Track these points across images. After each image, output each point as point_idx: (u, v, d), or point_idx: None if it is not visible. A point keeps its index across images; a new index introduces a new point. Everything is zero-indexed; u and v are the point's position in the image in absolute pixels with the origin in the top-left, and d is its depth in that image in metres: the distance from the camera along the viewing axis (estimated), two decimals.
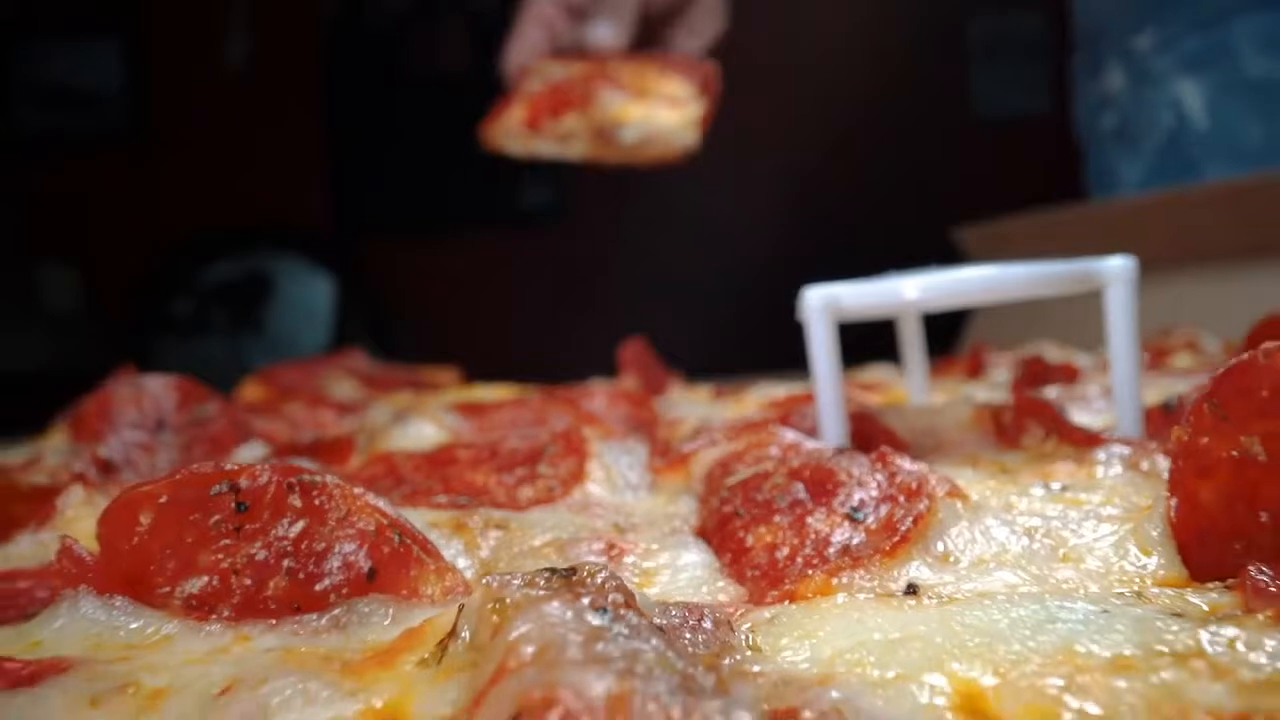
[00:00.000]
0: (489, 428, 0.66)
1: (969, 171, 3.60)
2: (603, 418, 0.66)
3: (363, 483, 0.36)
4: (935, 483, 0.36)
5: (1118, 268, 0.53)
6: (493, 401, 0.81)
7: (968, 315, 1.83)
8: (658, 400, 0.85)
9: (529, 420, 0.68)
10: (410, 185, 3.66)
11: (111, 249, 3.47)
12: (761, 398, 0.85)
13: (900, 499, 0.35)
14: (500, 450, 0.51)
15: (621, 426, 0.65)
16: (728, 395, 0.90)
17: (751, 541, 0.36)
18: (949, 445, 0.54)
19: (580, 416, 0.62)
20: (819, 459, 0.40)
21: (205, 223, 3.54)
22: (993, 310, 1.59)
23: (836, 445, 0.46)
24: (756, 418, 0.66)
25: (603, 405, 0.74)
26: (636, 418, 0.73)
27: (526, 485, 0.46)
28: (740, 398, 0.88)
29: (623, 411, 0.74)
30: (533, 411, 0.70)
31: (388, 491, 0.46)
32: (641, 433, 0.62)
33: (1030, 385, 0.76)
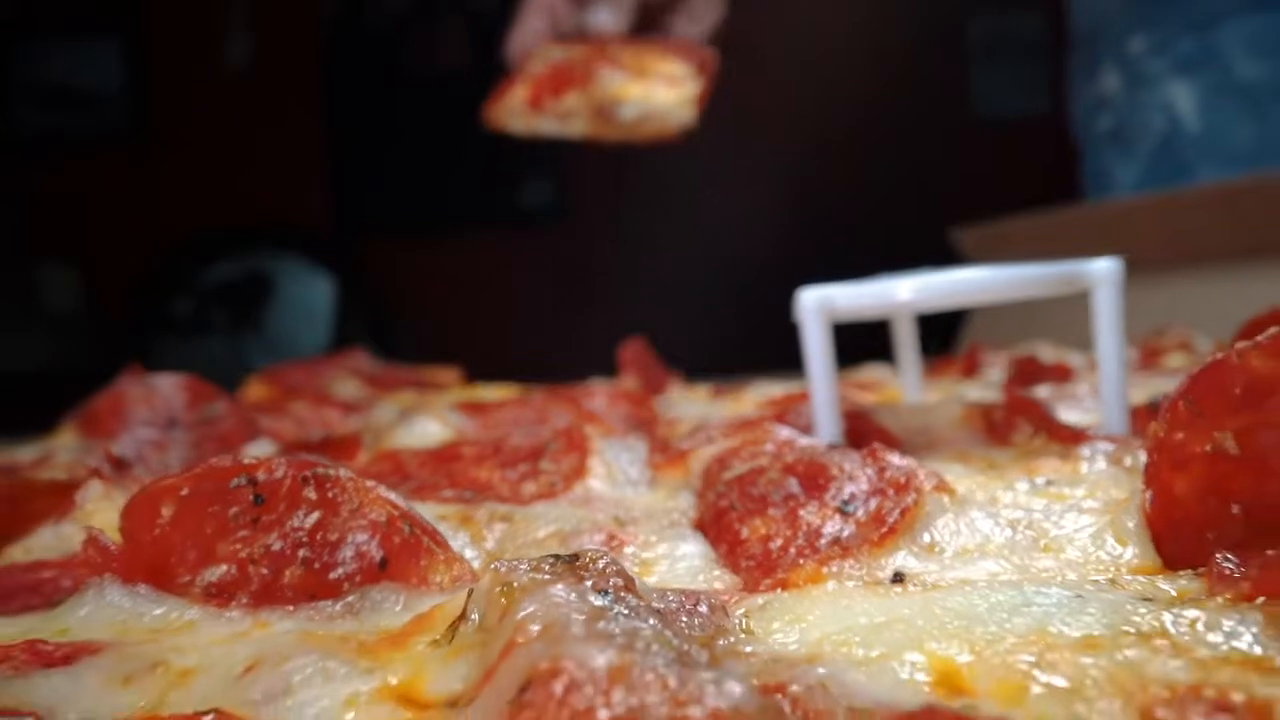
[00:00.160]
0: (492, 426, 0.67)
1: (968, 172, 3.61)
2: (603, 416, 0.68)
3: (371, 478, 0.38)
4: (923, 477, 0.38)
5: (1104, 270, 0.55)
6: (495, 401, 0.83)
7: (966, 315, 1.85)
8: (657, 400, 0.86)
9: (531, 419, 0.69)
10: (410, 185, 3.66)
11: (111, 249, 3.47)
12: (759, 397, 0.87)
13: (889, 492, 0.37)
14: (504, 447, 0.52)
15: (622, 425, 0.67)
16: (726, 394, 0.91)
17: (746, 533, 0.37)
18: (941, 442, 0.56)
19: (581, 414, 0.63)
20: (812, 454, 0.41)
21: (205, 223, 3.54)
22: (990, 310, 1.60)
23: (830, 442, 0.48)
24: (753, 416, 0.67)
25: (603, 404, 0.75)
26: (636, 417, 0.74)
27: (529, 480, 0.48)
28: (738, 397, 0.89)
29: (623, 410, 0.76)
30: (535, 410, 0.72)
31: (395, 487, 0.47)
32: (641, 431, 0.63)
33: (1022, 384, 0.78)
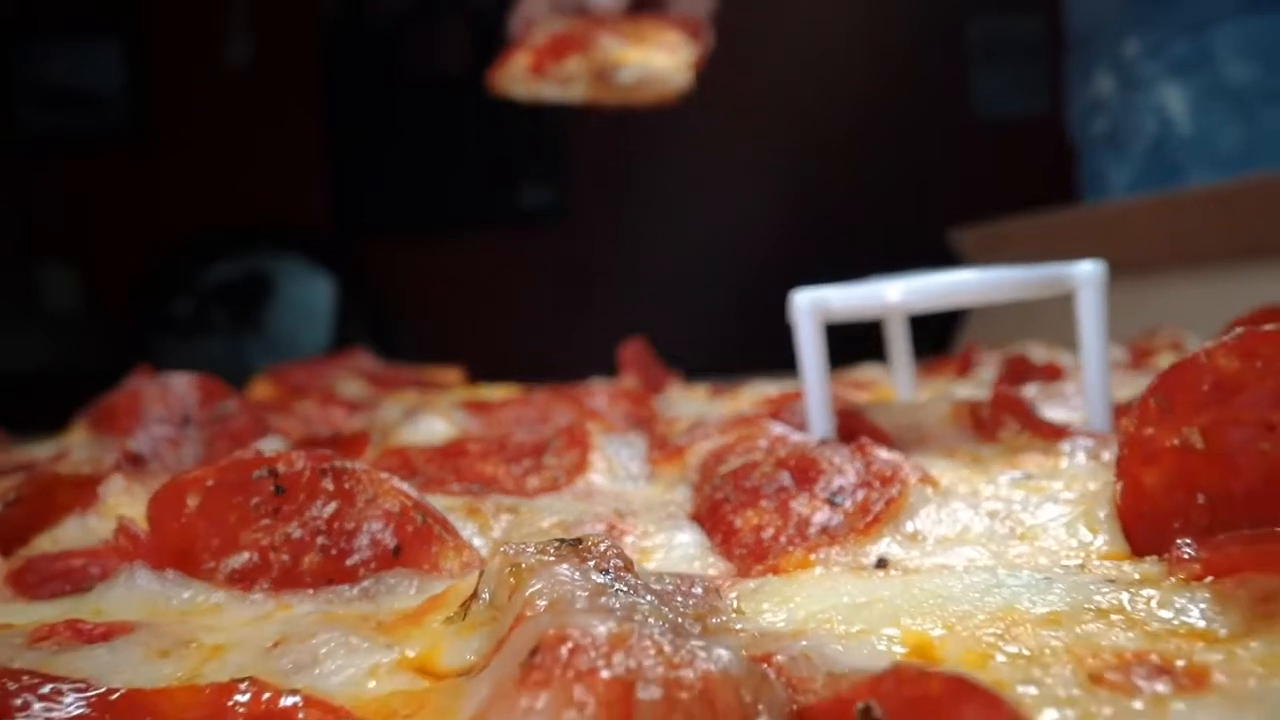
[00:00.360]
0: (496, 424, 0.69)
1: (967, 173, 3.62)
2: (604, 414, 0.70)
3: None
4: (908, 470, 0.40)
5: (1088, 272, 0.56)
6: (498, 400, 0.85)
7: (963, 315, 1.87)
8: (657, 399, 0.88)
9: (534, 417, 0.71)
10: (410, 185, 3.67)
11: (112, 249, 3.48)
12: (756, 395, 0.88)
13: (876, 484, 0.39)
14: (508, 443, 0.54)
15: (622, 422, 0.68)
16: (724, 393, 0.93)
17: (740, 524, 0.39)
18: (930, 439, 0.58)
19: (583, 412, 0.65)
20: (803, 449, 0.43)
21: (205, 223, 3.55)
22: (986, 311, 1.62)
23: (821, 438, 0.50)
24: (750, 414, 0.69)
25: (604, 403, 0.77)
26: (636, 415, 0.76)
27: (533, 475, 0.50)
28: (736, 396, 0.91)
29: (623, 409, 0.77)
30: (537, 408, 0.74)
31: (404, 481, 0.49)
32: (641, 428, 0.65)
33: (1012, 383, 0.80)
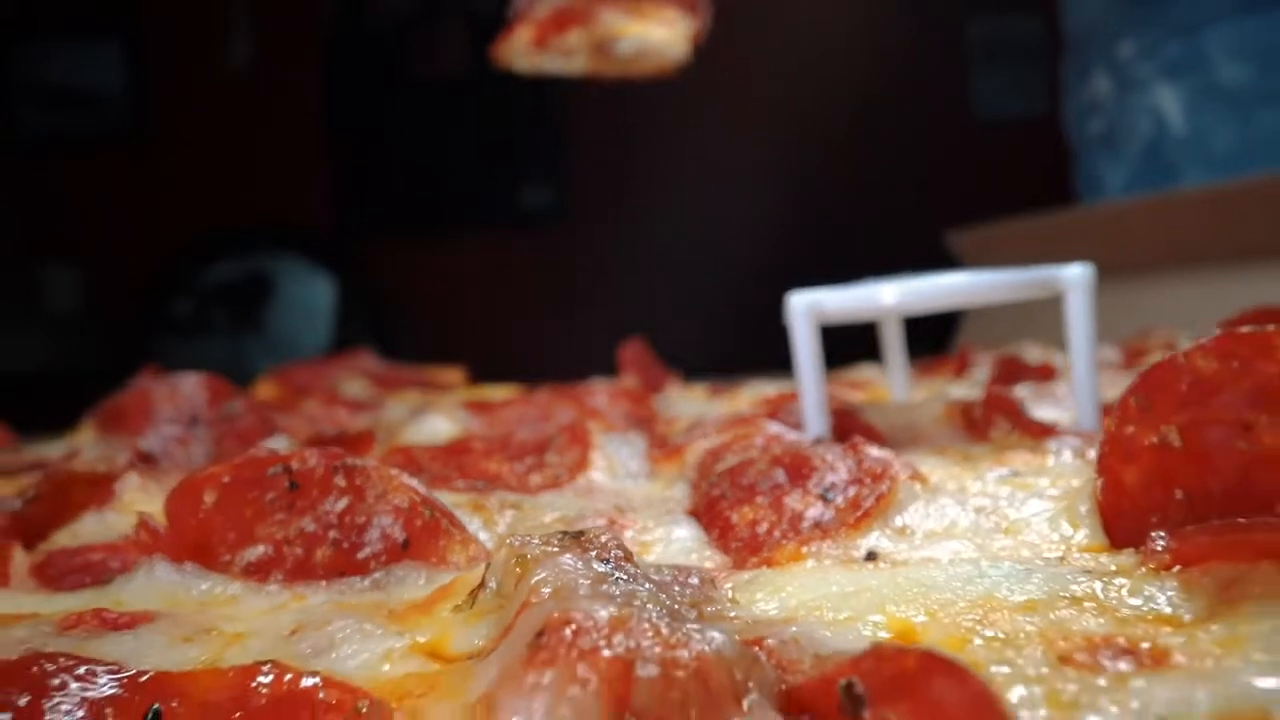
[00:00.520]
0: (499, 423, 0.71)
1: (968, 174, 3.63)
2: (604, 413, 0.71)
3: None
4: (899, 467, 0.41)
5: (1076, 275, 0.58)
6: (501, 399, 0.86)
7: (961, 316, 1.88)
8: (656, 398, 0.89)
9: (535, 416, 0.73)
10: (410, 185, 3.68)
11: (112, 249, 3.49)
12: (754, 395, 0.90)
13: (867, 481, 0.40)
14: (511, 442, 0.56)
15: (622, 422, 0.70)
16: (723, 393, 0.94)
17: (736, 519, 0.41)
18: (923, 438, 0.59)
19: (584, 411, 0.67)
20: (797, 448, 0.44)
21: (206, 223, 3.56)
22: (984, 312, 1.64)
23: (816, 436, 0.51)
24: (747, 413, 0.70)
25: (604, 402, 0.78)
26: (636, 414, 0.78)
27: (536, 472, 0.51)
28: (734, 396, 0.93)
29: (623, 408, 0.79)
30: (538, 408, 0.75)
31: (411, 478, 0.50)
32: (641, 427, 0.66)
33: (1005, 383, 0.81)
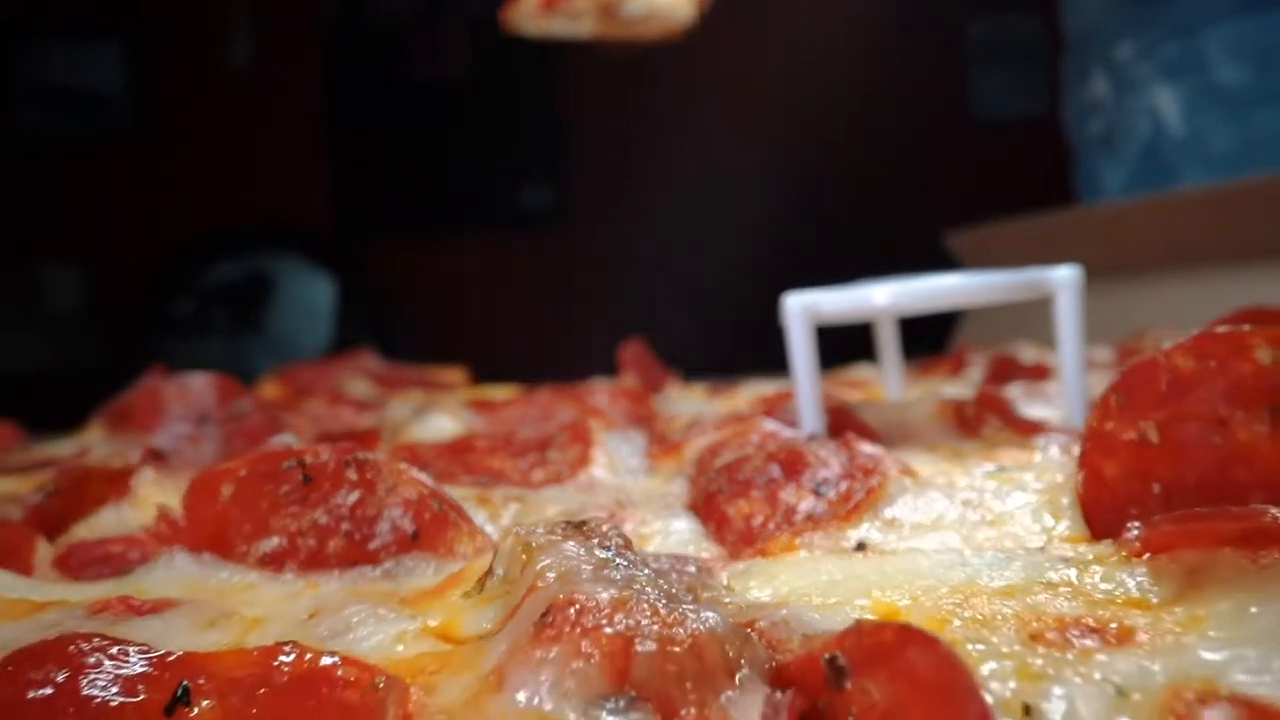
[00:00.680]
0: (501, 421, 0.72)
1: (967, 174, 3.65)
2: (605, 412, 0.72)
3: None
4: (889, 463, 0.43)
5: (1065, 277, 0.59)
6: (503, 399, 0.88)
7: (959, 316, 1.89)
8: (656, 398, 0.91)
9: (537, 415, 0.74)
10: (410, 185, 3.70)
11: (113, 250, 3.50)
12: (752, 395, 0.91)
13: (858, 476, 0.42)
14: (514, 439, 0.57)
15: (622, 420, 0.71)
16: (721, 393, 0.96)
17: (732, 512, 0.42)
18: (916, 435, 0.60)
19: (585, 409, 0.68)
20: (792, 444, 0.46)
21: (206, 223, 3.57)
22: (982, 312, 1.65)
23: (810, 433, 0.53)
24: (745, 412, 0.72)
25: (605, 401, 0.80)
26: (636, 413, 0.79)
27: (538, 469, 0.53)
28: (733, 395, 0.94)
29: (623, 407, 0.80)
30: (540, 407, 0.77)
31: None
32: (641, 426, 0.68)
33: (998, 382, 0.82)
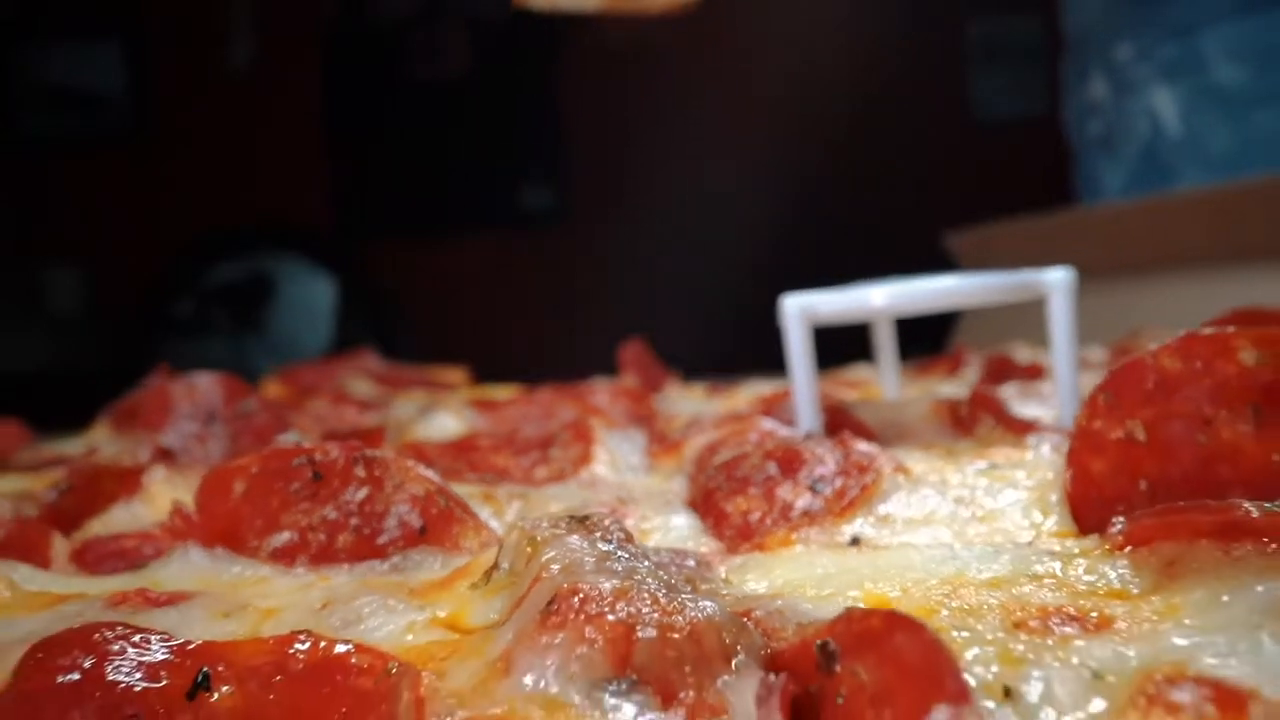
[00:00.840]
0: (504, 420, 0.73)
1: (967, 175, 3.65)
2: (606, 411, 0.73)
3: None
4: (884, 460, 0.44)
5: (1058, 279, 0.60)
6: (505, 399, 0.89)
7: (958, 317, 1.90)
8: (656, 397, 0.91)
9: (539, 414, 0.75)
10: (411, 186, 3.70)
11: (113, 250, 3.50)
12: (750, 394, 0.92)
13: (853, 473, 0.43)
14: (517, 438, 0.58)
15: (623, 419, 0.72)
16: (721, 392, 0.97)
17: (730, 509, 0.43)
18: (911, 434, 0.61)
19: (586, 409, 0.69)
20: (789, 442, 0.47)
21: (207, 223, 3.57)
22: (980, 312, 1.66)
23: (807, 431, 0.54)
24: (744, 411, 0.73)
25: (605, 401, 0.81)
26: (636, 412, 0.80)
27: (541, 466, 0.54)
28: (732, 394, 0.95)
29: (624, 407, 0.81)
30: (542, 406, 0.78)
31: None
32: (641, 425, 0.69)
33: (993, 382, 0.83)
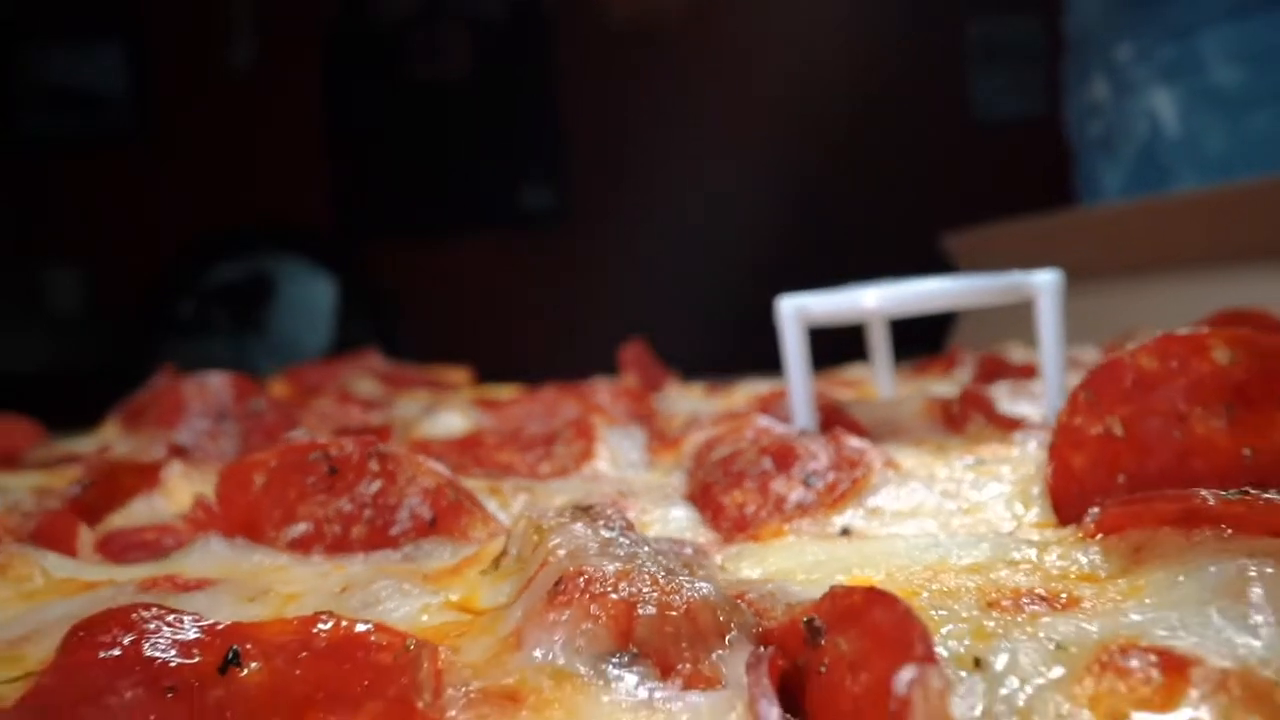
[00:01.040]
0: (508, 419, 0.75)
1: (967, 175, 3.67)
2: (607, 409, 0.75)
3: None
4: (874, 456, 0.46)
5: (1045, 281, 0.62)
6: (508, 397, 0.90)
7: (954, 318, 1.92)
8: (656, 396, 0.93)
9: (542, 412, 0.77)
10: (411, 186, 3.72)
11: (114, 250, 3.52)
12: (748, 393, 0.94)
13: (844, 467, 0.45)
14: (521, 436, 0.60)
15: (624, 417, 0.74)
16: (719, 391, 0.99)
17: (727, 502, 0.45)
18: (904, 432, 0.63)
19: (588, 407, 0.71)
20: (783, 439, 0.49)
21: (207, 224, 3.59)
22: (976, 314, 1.68)
23: (801, 428, 0.56)
24: (741, 409, 0.75)
25: (606, 399, 0.83)
26: (636, 411, 0.82)
27: (544, 462, 0.56)
28: (730, 394, 0.97)
29: (624, 405, 0.83)
30: (545, 405, 0.80)
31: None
32: (641, 422, 0.71)
33: (985, 381, 0.85)
